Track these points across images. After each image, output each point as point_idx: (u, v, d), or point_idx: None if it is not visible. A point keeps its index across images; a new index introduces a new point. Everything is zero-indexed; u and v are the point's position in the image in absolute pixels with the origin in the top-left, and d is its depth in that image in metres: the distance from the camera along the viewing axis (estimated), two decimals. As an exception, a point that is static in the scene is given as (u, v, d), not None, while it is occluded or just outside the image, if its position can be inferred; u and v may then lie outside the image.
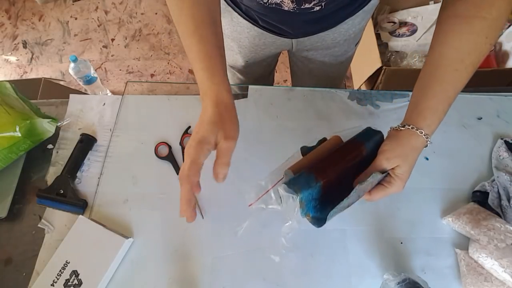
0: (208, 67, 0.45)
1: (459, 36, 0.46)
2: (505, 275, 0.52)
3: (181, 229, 0.60)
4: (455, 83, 0.46)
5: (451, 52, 0.46)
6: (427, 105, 0.47)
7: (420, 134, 0.46)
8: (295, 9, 0.54)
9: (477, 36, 0.45)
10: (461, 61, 0.46)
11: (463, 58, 0.46)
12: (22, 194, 0.64)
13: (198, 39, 0.45)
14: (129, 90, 0.75)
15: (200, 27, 0.45)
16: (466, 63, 0.46)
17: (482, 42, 0.45)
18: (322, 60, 0.78)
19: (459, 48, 0.46)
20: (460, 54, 0.46)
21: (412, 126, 0.46)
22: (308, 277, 0.57)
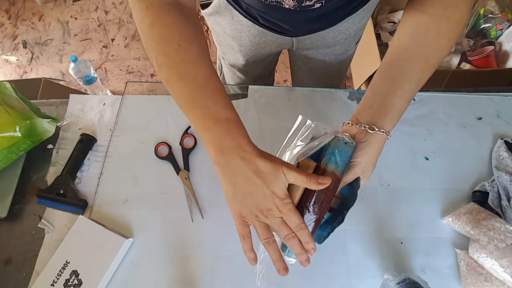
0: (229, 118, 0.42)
1: (427, 33, 0.46)
2: (505, 275, 0.52)
3: (181, 229, 0.60)
4: (418, 83, 0.46)
5: (418, 49, 0.46)
6: (396, 105, 0.46)
7: (386, 137, 0.46)
8: (295, 7, 0.54)
9: (442, 37, 0.45)
10: (426, 60, 0.46)
11: (428, 57, 0.46)
12: (22, 194, 0.64)
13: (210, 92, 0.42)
14: (129, 90, 0.75)
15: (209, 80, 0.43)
16: (430, 63, 0.46)
17: (445, 44, 0.46)
18: (322, 59, 0.78)
19: (426, 47, 0.46)
20: (426, 52, 0.46)
21: (382, 130, 0.45)
22: (308, 277, 0.57)
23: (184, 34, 0.43)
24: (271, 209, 0.40)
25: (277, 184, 0.39)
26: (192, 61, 0.42)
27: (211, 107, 0.41)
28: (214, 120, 0.41)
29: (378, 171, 0.65)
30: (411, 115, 0.71)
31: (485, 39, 1.46)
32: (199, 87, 0.42)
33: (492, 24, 1.45)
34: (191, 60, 0.42)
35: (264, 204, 0.40)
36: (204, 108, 0.41)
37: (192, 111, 0.42)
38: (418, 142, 0.68)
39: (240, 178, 0.40)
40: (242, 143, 0.40)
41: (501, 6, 1.45)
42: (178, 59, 0.42)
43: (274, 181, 0.39)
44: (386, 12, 1.58)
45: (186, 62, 0.42)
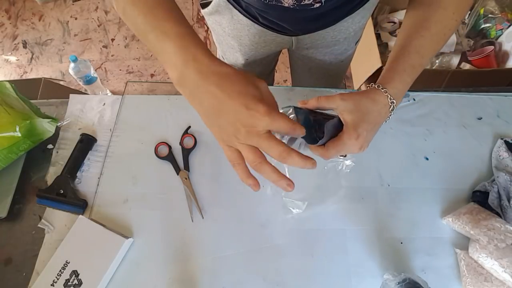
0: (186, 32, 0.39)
1: (428, 7, 0.49)
2: (505, 275, 0.52)
3: (181, 229, 0.60)
4: (418, 47, 0.48)
5: (419, 21, 0.49)
6: (388, 67, 0.48)
7: (378, 88, 0.46)
8: (295, 6, 0.54)
9: (444, 10, 0.47)
10: (427, 28, 0.48)
11: (429, 26, 0.48)
12: (22, 194, 0.64)
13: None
14: (129, 90, 0.75)
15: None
16: (432, 31, 0.48)
17: (449, 16, 0.47)
18: (322, 58, 0.78)
19: (427, 18, 0.48)
20: (427, 22, 0.48)
21: (371, 85, 0.47)
22: (308, 277, 0.57)
23: None
24: (250, 125, 0.35)
25: (246, 94, 0.35)
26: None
27: (163, 26, 0.39)
28: (166, 38, 0.38)
29: (378, 171, 0.65)
30: (411, 115, 0.71)
31: (485, 39, 1.46)
32: (151, 10, 0.40)
33: (492, 24, 1.45)
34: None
35: (240, 120, 0.35)
36: (156, 30, 0.39)
37: (147, 36, 0.40)
38: (418, 142, 0.68)
39: (205, 96, 0.36)
40: (198, 55, 0.37)
41: (501, 6, 1.45)
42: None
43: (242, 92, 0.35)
44: (386, 12, 1.58)
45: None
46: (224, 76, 0.36)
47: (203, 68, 0.36)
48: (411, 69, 0.47)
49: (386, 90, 0.46)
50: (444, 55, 1.45)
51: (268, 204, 0.62)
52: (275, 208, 0.62)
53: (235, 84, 0.36)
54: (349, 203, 0.62)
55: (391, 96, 0.46)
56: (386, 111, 0.46)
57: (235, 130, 0.36)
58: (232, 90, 0.35)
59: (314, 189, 0.63)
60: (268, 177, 0.37)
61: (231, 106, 0.35)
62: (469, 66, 1.44)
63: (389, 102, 0.46)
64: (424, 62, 0.48)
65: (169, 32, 0.39)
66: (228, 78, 0.36)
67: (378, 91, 0.46)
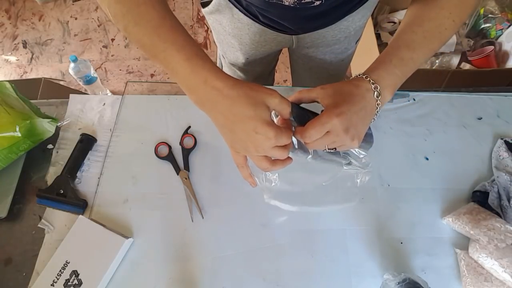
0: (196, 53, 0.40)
1: (423, 6, 0.48)
2: (505, 275, 0.52)
3: (181, 229, 0.60)
4: (409, 41, 0.47)
5: (413, 17, 0.49)
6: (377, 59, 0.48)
7: (361, 76, 0.45)
8: (295, 4, 0.54)
9: (440, 9, 0.47)
10: (419, 25, 0.47)
11: (422, 23, 0.47)
12: (22, 194, 0.64)
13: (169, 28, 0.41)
14: (129, 90, 0.75)
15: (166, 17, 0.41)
16: (424, 27, 0.47)
17: (444, 16, 0.47)
18: (322, 57, 0.78)
19: (421, 15, 0.48)
20: (420, 19, 0.48)
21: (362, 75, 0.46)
22: (308, 277, 0.57)
23: None
24: (259, 145, 0.39)
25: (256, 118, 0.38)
26: (146, 3, 0.41)
27: (170, 49, 0.40)
28: (176, 62, 0.40)
29: (378, 171, 0.65)
30: (411, 115, 0.71)
31: (485, 39, 1.46)
32: (155, 30, 0.40)
33: (492, 24, 1.45)
34: (145, 2, 0.41)
35: (250, 141, 0.39)
36: (164, 52, 0.40)
37: (156, 56, 0.41)
38: (418, 142, 0.68)
39: (219, 115, 0.40)
40: (209, 79, 0.39)
41: (501, 6, 1.45)
42: (130, 4, 0.41)
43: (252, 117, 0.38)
44: (386, 12, 1.58)
45: (139, 5, 0.41)
46: (235, 100, 0.38)
47: (215, 92, 0.39)
48: (399, 61, 0.46)
49: (367, 76, 0.45)
50: (444, 55, 1.45)
51: (268, 204, 0.62)
52: (275, 208, 0.62)
53: (245, 108, 0.38)
54: (349, 203, 0.62)
55: (373, 80, 0.45)
56: (371, 96, 0.45)
57: (246, 146, 0.40)
58: (242, 115, 0.38)
59: (316, 188, 0.63)
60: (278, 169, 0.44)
61: (242, 129, 0.39)
62: (469, 66, 1.44)
63: (371, 87, 0.44)
64: (415, 57, 0.47)
65: (177, 55, 0.40)
66: (238, 102, 0.38)
67: (359, 78, 0.46)
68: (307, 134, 0.42)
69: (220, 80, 0.39)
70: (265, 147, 0.39)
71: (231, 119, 0.39)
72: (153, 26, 0.41)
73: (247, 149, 0.41)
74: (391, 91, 0.47)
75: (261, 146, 0.39)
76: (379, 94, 0.45)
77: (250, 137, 0.39)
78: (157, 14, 0.41)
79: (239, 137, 0.40)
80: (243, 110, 0.38)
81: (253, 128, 0.38)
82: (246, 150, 0.41)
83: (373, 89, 0.45)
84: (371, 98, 0.45)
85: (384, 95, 0.45)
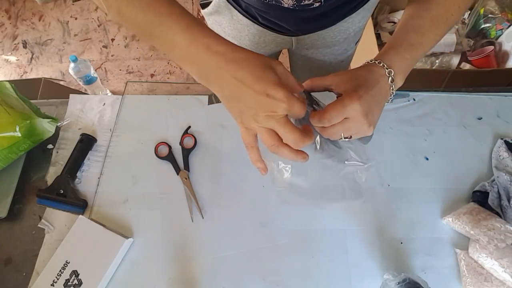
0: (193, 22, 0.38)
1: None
2: (505, 275, 0.52)
3: (181, 229, 0.60)
4: (417, 26, 0.46)
5: (418, 4, 0.48)
6: (386, 45, 0.47)
7: (371, 62, 0.44)
8: (294, 6, 0.54)
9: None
10: (427, 10, 0.47)
11: (430, 8, 0.47)
12: (22, 194, 0.64)
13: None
14: (129, 90, 0.75)
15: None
16: (432, 13, 0.46)
17: (451, 2, 0.47)
18: (322, 59, 0.78)
19: (428, 2, 0.47)
20: (428, 4, 0.47)
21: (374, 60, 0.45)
22: (308, 277, 0.57)
23: None
24: (269, 110, 0.36)
25: (264, 80, 0.35)
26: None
27: (166, 22, 0.38)
28: (174, 34, 0.38)
29: (378, 171, 0.65)
30: (411, 115, 0.71)
31: (485, 39, 1.46)
32: (148, 5, 0.39)
33: (492, 24, 1.44)
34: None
35: (260, 106, 0.36)
36: (160, 26, 0.38)
37: (152, 34, 0.39)
38: (418, 142, 0.68)
39: (225, 83, 0.37)
40: (211, 44, 0.37)
41: (501, 6, 1.45)
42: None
43: (261, 78, 0.35)
44: (386, 12, 1.58)
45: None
46: (241, 63, 0.36)
47: (219, 57, 0.36)
48: (408, 46, 0.45)
49: (380, 61, 0.44)
50: (444, 55, 1.45)
51: (268, 204, 0.62)
52: (275, 208, 0.62)
53: (253, 70, 0.36)
54: (349, 203, 0.62)
55: (386, 65, 0.43)
56: (385, 81, 0.43)
57: (254, 114, 0.37)
58: (250, 77, 0.36)
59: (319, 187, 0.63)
60: (285, 156, 0.39)
61: (251, 93, 0.36)
62: (469, 66, 1.44)
63: (386, 72, 0.43)
64: (424, 42, 0.46)
65: (175, 27, 0.38)
66: (245, 65, 0.36)
67: (372, 63, 0.44)
68: (327, 116, 0.40)
69: (223, 45, 0.37)
70: (278, 112, 0.36)
71: (238, 85, 0.36)
72: (146, 2, 0.38)
73: (257, 118, 0.37)
74: (402, 77, 0.46)
75: (272, 111, 0.36)
76: (393, 79, 0.44)
77: (260, 102, 0.36)
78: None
79: (248, 105, 0.37)
80: (251, 72, 0.36)
81: (263, 90, 0.35)
82: (256, 119, 0.37)
83: (387, 74, 0.43)
84: (386, 83, 0.43)
85: (396, 81, 0.44)
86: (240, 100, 0.37)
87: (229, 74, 0.36)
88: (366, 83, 0.42)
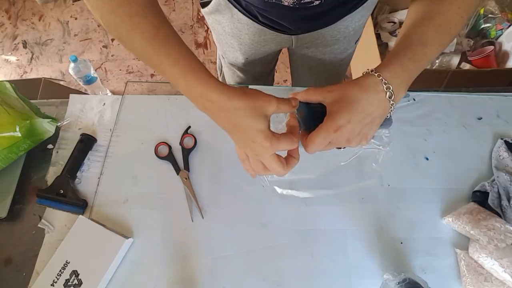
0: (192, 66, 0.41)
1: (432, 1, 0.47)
2: (505, 275, 0.52)
3: (181, 229, 0.60)
4: (420, 35, 0.45)
5: (422, 12, 0.47)
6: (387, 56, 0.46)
7: (371, 73, 0.43)
8: (294, 4, 0.54)
9: (450, 4, 0.46)
10: (430, 19, 0.46)
11: (433, 17, 0.46)
12: (22, 194, 0.64)
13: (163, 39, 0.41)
14: (129, 90, 0.75)
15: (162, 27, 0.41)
16: (435, 22, 0.46)
17: (454, 11, 0.46)
18: (322, 57, 0.78)
19: (431, 10, 0.47)
20: (431, 14, 0.46)
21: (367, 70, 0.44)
22: (308, 277, 0.57)
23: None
24: (257, 153, 0.42)
25: (252, 130, 0.39)
26: (139, 13, 0.40)
27: (165, 63, 0.41)
28: (172, 76, 0.41)
29: (378, 171, 0.65)
30: (411, 115, 0.71)
31: (485, 39, 1.46)
32: (149, 42, 0.40)
33: (492, 24, 1.45)
34: (138, 13, 0.40)
35: (249, 147, 0.42)
36: (160, 65, 0.41)
37: (154, 67, 0.43)
38: (418, 142, 0.68)
39: (219, 121, 0.42)
40: (204, 93, 0.39)
41: (501, 6, 1.45)
42: (123, 14, 0.40)
43: (249, 128, 0.39)
44: (386, 12, 1.58)
45: (132, 16, 0.40)
46: (231, 112, 0.39)
47: (211, 105, 0.40)
48: (412, 55, 0.44)
49: (380, 74, 0.42)
50: (444, 55, 1.45)
51: (268, 204, 0.62)
52: (275, 208, 0.62)
53: (243, 120, 0.39)
54: (349, 203, 0.62)
55: (386, 80, 0.42)
56: (382, 98, 0.42)
57: (245, 148, 0.43)
58: (240, 125, 0.40)
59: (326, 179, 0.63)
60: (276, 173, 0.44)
61: (241, 137, 0.41)
62: (469, 66, 1.44)
63: (383, 87, 0.42)
64: (428, 52, 0.45)
65: (172, 70, 0.41)
66: (235, 114, 0.39)
67: (370, 76, 0.43)
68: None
69: (216, 93, 0.39)
70: (263, 154, 0.41)
71: (231, 129, 0.41)
72: (146, 38, 0.40)
73: (247, 151, 0.43)
74: (405, 88, 0.44)
75: (259, 154, 0.42)
76: (392, 94, 0.42)
77: (250, 145, 0.41)
78: (151, 25, 0.41)
79: (239, 142, 0.43)
80: (240, 121, 0.39)
81: (250, 138, 0.40)
82: (247, 152, 0.44)
83: (385, 90, 0.42)
84: (383, 100, 0.42)
85: (398, 93, 0.43)
86: (233, 135, 0.43)
87: (222, 119, 0.41)
88: (355, 108, 0.41)
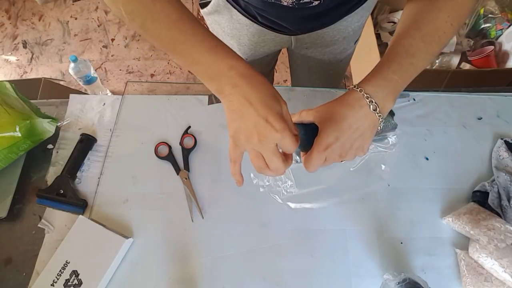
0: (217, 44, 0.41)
1: (421, 8, 0.47)
2: (505, 275, 0.52)
3: (181, 229, 0.60)
4: (407, 46, 0.45)
5: (410, 21, 0.47)
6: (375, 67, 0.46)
7: (354, 89, 0.44)
8: (294, 4, 0.54)
9: (439, 12, 0.45)
10: (418, 28, 0.46)
11: (421, 26, 0.46)
12: (22, 194, 0.64)
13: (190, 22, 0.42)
14: (129, 90, 0.75)
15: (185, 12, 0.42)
16: (423, 31, 0.45)
17: (443, 19, 0.45)
18: (321, 58, 0.78)
19: (419, 19, 0.46)
20: (418, 23, 0.46)
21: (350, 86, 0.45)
22: (308, 277, 0.57)
23: None
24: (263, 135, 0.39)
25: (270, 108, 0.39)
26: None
27: (191, 41, 0.41)
28: (198, 52, 0.41)
29: (378, 171, 0.65)
30: (411, 115, 0.71)
31: (485, 39, 1.46)
32: (174, 23, 0.41)
33: (492, 24, 1.45)
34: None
35: (257, 128, 0.39)
36: (185, 44, 0.41)
37: (175, 49, 0.42)
38: (418, 142, 0.68)
39: (235, 101, 0.40)
40: (235, 64, 0.40)
41: (501, 6, 1.45)
42: (146, 1, 0.41)
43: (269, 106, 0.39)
44: (386, 12, 1.58)
45: (155, 3, 0.40)
46: (256, 86, 0.39)
47: (238, 77, 0.39)
48: (398, 67, 0.44)
49: (362, 89, 0.43)
50: (444, 55, 1.45)
51: (268, 204, 0.62)
52: (275, 208, 0.62)
53: (264, 96, 0.39)
54: (349, 203, 0.62)
55: (368, 94, 0.43)
56: (366, 112, 0.43)
57: (249, 135, 0.39)
58: (259, 101, 0.39)
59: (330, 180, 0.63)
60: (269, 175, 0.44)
61: (254, 114, 0.39)
62: (469, 66, 1.44)
63: (366, 101, 0.43)
64: (415, 62, 0.45)
65: (199, 47, 0.41)
66: (259, 89, 0.39)
67: (353, 91, 0.44)
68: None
69: (246, 68, 0.40)
70: (270, 139, 0.39)
71: (246, 104, 0.39)
72: (172, 20, 0.41)
73: (250, 139, 0.40)
74: (392, 99, 0.45)
75: (266, 137, 0.39)
76: (376, 106, 0.43)
77: (258, 124, 0.38)
78: (175, 9, 0.41)
79: (247, 125, 0.39)
80: (261, 97, 0.39)
81: (265, 116, 0.38)
82: (249, 140, 0.40)
83: (368, 104, 0.43)
84: (367, 114, 0.43)
85: (384, 105, 0.44)
86: (242, 117, 0.40)
87: (242, 93, 0.39)
88: (342, 125, 0.43)
